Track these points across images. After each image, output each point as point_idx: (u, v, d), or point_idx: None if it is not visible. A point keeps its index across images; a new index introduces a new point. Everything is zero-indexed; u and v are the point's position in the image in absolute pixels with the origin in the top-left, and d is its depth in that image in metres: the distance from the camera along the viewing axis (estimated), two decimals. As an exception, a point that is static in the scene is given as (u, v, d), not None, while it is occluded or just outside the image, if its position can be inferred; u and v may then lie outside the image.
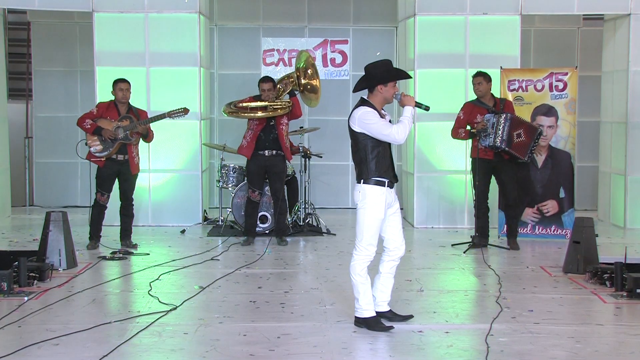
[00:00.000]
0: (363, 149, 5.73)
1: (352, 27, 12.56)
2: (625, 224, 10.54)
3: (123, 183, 8.84)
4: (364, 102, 5.79)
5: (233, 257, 8.47)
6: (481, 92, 8.86)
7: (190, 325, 5.78)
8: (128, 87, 8.76)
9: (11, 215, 11.48)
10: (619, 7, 10.48)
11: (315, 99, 9.70)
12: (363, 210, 5.70)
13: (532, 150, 8.81)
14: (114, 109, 8.72)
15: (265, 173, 9.24)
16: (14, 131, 12.40)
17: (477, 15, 10.37)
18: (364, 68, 5.90)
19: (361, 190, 5.72)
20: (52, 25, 12.53)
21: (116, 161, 8.68)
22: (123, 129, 8.63)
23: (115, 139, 8.60)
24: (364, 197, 5.70)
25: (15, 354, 5.07)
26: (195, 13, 10.51)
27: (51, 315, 6.05)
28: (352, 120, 5.71)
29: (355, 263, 5.75)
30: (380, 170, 5.70)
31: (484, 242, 9.00)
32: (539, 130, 8.82)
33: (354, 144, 5.78)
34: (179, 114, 8.80)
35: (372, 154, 5.70)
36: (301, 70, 9.52)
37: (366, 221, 5.69)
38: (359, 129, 5.69)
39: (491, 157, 8.85)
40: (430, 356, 5.18)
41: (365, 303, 5.74)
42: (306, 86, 9.53)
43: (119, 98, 8.72)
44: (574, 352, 5.23)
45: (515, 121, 8.71)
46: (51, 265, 7.41)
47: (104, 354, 5.07)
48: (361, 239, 5.73)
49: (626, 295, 6.62)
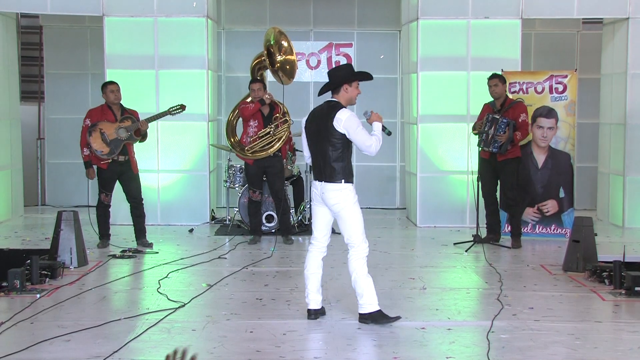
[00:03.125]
0: (344, 149, 5.85)
1: (356, 30, 12.63)
2: (623, 223, 10.55)
3: (128, 184, 8.87)
4: (338, 105, 5.88)
5: (240, 256, 8.53)
6: (497, 93, 8.90)
7: (198, 322, 5.83)
8: (118, 88, 8.79)
9: (24, 215, 11.54)
10: (617, 11, 10.51)
11: (290, 77, 9.53)
12: (350, 208, 5.84)
13: (494, 140, 8.75)
14: (108, 112, 8.75)
15: (264, 174, 9.35)
16: (27, 132, 12.47)
17: (479, 19, 10.41)
18: (327, 73, 6.05)
19: (343, 190, 5.83)
20: (64, 29, 12.60)
21: (117, 162, 8.74)
22: (125, 129, 8.70)
23: (120, 139, 8.68)
24: (347, 196, 5.82)
25: (27, 349, 5.13)
26: (203, 17, 10.59)
27: (62, 312, 6.11)
28: (337, 121, 5.77)
29: (355, 261, 5.85)
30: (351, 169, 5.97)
31: (495, 238, 9.10)
32: (500, 121, 8.71)
33: (334, 143, 5.82)
34: (177, 110, 8.94)
35: (349, 154, 5.91)
36: (274, 47, 9.42)
37: (356, 217, 5.85)
38: (343, 131, 5.80)
39: (488, 157, 8.97)
40: (433, 352, 5.23)
41: (369, 297, 5.83)
42: (283, 65, 9.40)
43: (112, 100, 8.73)
44: (574, 348, 5.28)
45: (493, 121, 8.77)
46: (62, 263, 7.50)
47: (114, 350, 5.11)
48: (357, 235, 5.85)
49: (624, 293, 6.66)
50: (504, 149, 8.78)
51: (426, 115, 10.57)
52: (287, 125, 9.19)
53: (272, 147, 9.12)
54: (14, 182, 11.26)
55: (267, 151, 9.12)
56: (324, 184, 5.87)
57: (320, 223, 6.01)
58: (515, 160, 9.05)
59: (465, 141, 10.19)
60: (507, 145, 8.79)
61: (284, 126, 9.16)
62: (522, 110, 8.94)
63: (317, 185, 5.93)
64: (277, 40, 9.45)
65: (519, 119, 8.84)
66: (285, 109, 9.29)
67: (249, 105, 9.18)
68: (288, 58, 9.46)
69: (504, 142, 8.75)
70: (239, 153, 9.31)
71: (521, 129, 8.87)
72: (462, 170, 10.45)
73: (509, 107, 8.92)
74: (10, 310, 6.09)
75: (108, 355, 5.03)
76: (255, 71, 9.72)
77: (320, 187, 5.90)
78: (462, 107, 10.45)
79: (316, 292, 6.01)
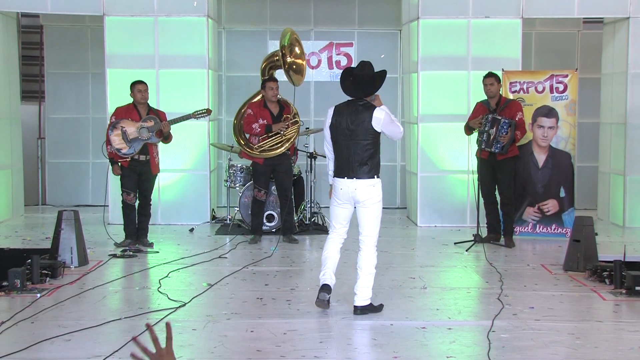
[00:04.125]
0: (376, 145, 6.07)
1: (357, 30, 12.65)
2: (624, 222, 10.56)
3: (143, 183, 8.89)
4: (371, 104, 6.07)
5: (240, 255, 8.54)
6: (492, 92, 8.92)
7: (199, 322, 5.83)
8: (146, 88, 8.84)
9: (24, 214, 11.55)
10: (618, 11, 10.53)
11: (300, 79, 9.61)
12: (379, 203, 6.05)
13: (497, 140, 8.75)
14: (133, 111, 8.78)
15: (272, 172, 9.36)
16: (27, 132, 12.48)
17: (479, 18, 10.42)
18: (362, 75, 6.11)
19: (376, 185, 6.02)
20: (64, 29, 12.63)
21: (138, 161, 8.75)
22: (147, 129, 8.71)
23: (141, 139, 8.70)
24: (379, 190, 6.03)
25: (28, 349, 5.13)
26: (204, 17, 10.61)
27: (63, 312, 6.10)
28: (376, 121, 5.96)
29: (374, 257, 6.07)
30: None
31: (496, 237, 9.11)
32: (501, 121, 8.70)
33: (370, 141, 6.01)
34: (202, 114, 8.98)
35: (379, 147, 6.12)
36: (286, 49, 9.46)
37: (380, 212, 6.08)
38: (381, 129, 6.00)
39: (487, 157, 8.97)
40: (433, 352, 5.24)
41: (369, 291, 6.07)
42: (291, 65, 9.45)
43: (138, 99, 8.78)
44: (574, 348, 5.28)
45: (494, 121, 8.77)
46: (63, 262, 7.48)
47: (115, 350, 5.09)
48: (377, 230, 6.07)
49: (625, 293, 6.66)
50: (505, 149, 8.78)
51: (427, 115, 10.58)
52: (298, 126, 9.23)
53: (282, 146, 9.13)
54: (14, 181, 11.28)
55: (275, 151, 9.13)
56: (357, 180, 6.01)
57: (342, 219, 6.19)
58: (514, 158, 9.08)
59: (465, 141, 10.19)
60: (508, 145, 8.80)
61: (294, 127, 9.17)
62: (518, 109, 8.96)
63: (347, 183, 6.05)
64: (292, 43, 9.50)
65: (516, 117, 8.85)
66: (296, 110, 9.32)
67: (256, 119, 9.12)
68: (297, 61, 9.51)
69: (506, 143, 8.75)
70: (249, 152, 9.30)
71: (520, 127, 8.88)
72: (463, 170, 10.46)
73: (504, 107, 8.93)
74: (11, 310, 6.10)
75: (108, 355, 5.03)
76: (267, 70, 9.71)
77: (352, 184, 6.02)
78: (462, 107, 10.46)
79: (331, 272, 6.16)
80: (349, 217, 6.19)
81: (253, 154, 9.24)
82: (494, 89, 8.92)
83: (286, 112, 9.24)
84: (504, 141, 8.73)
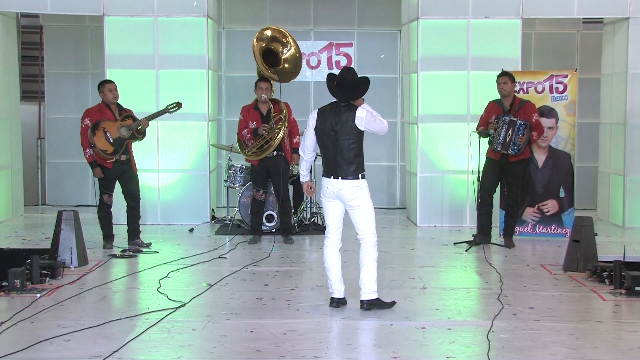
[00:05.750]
0: (360, 144, 6.18)
1: (356, 30, 12.64)
2: (623, 223, 10.56)
3: (128, 183, 8.82)
4: (353, 105, 6.18)
5: (240, 255, 8.54)
6: (506, 91, 8.86)
7: (199, 322, 5.84)
8: (116, 87, 8.74)
9: (24, 214, 11.55)
10: (618, 11, 10.52)
11: (289, 73, 9.40)
12: (368, 203, 6.15)
13: (514, 142, 8.73)
14: (107, 111, 8.69)
15: (268, 173, 9.36)
16: (27, 132, 12.48)
17: (479, 18, 10.41)
18: (347, 79, 6.18)
19: (361, 185, 6.13)
20: (64, 29, 12.62)
21: (120, 161, 8.71)
22: (127, 127, 8.67)
23: (123, 138, 8.65)
24: (364, 190, 6.14)
25: (28, 349, 5.14)
26: (204, 17, 10.61)
27: (63, 312, 6.11)
28: (359, 120, 6.06)
29: (374, 250, 6.15)
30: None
31: (486, 239, 9.10)
32: (518, 123, 8.70)
33: (353, 141, 6.11)
34: (174, 108, 8.90)
35: (362, 146, 6.22)
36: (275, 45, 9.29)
37: (372, 210, 6.17)
38: (364, 128, 6.09)
39: (498, 158, 8.94)
40: (433, 352, 5.24)
41: (374, 285, 6.17)
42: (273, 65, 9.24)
43: (110, 99, 8.68)
44: (574, 348, 5.29)
45: (511, 123, 8.74)
46: (63, 262, 7.50)
47: (114, 350, 5.12)
48: (372, 228, 6.15)
49: (625, 293, 6.67)
50: (521, 150, 8.78)
51: (426, 115, 10.58)
52: (283, 124, 9.07)
53: (269, 148, 9.09)
54: (14, 181, 11.28)
55: (264, 153, 9.11)
56: (342, 181, 6.13)
57: (333, 217, 6.28)
58: (525, 160, 9.09)
59: (465, 141, 10.19)
60: (524, 147, 8.80)
61: (279, 124, 9.09)
62: (533, 111, 8.91)
63: (333, 183, 6.17)
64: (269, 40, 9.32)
65: (532, 119, 8.82)
66: (284, 107, 9.18)
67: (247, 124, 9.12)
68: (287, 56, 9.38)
69: (522, 145, 8.74)
70: (244, 155, 9.31)
71: (536, 129, 8.87)
72: (463, 170, 10.46)
73: (519, 108, 8.89)
74: (11, 310, 6.10)
75: (108, 355, 5.04)
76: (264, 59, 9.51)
77: (337, 184, 6.14)
78: (462, 107, 10.46)
79: (339, 282, 6.29)
80: (341, 214, 6.27)
81: (247, 156, 9.25)
82: (508, 87, 8.87)
83: (275, 111, 9.18)
84: (521, 143, 8.72)
